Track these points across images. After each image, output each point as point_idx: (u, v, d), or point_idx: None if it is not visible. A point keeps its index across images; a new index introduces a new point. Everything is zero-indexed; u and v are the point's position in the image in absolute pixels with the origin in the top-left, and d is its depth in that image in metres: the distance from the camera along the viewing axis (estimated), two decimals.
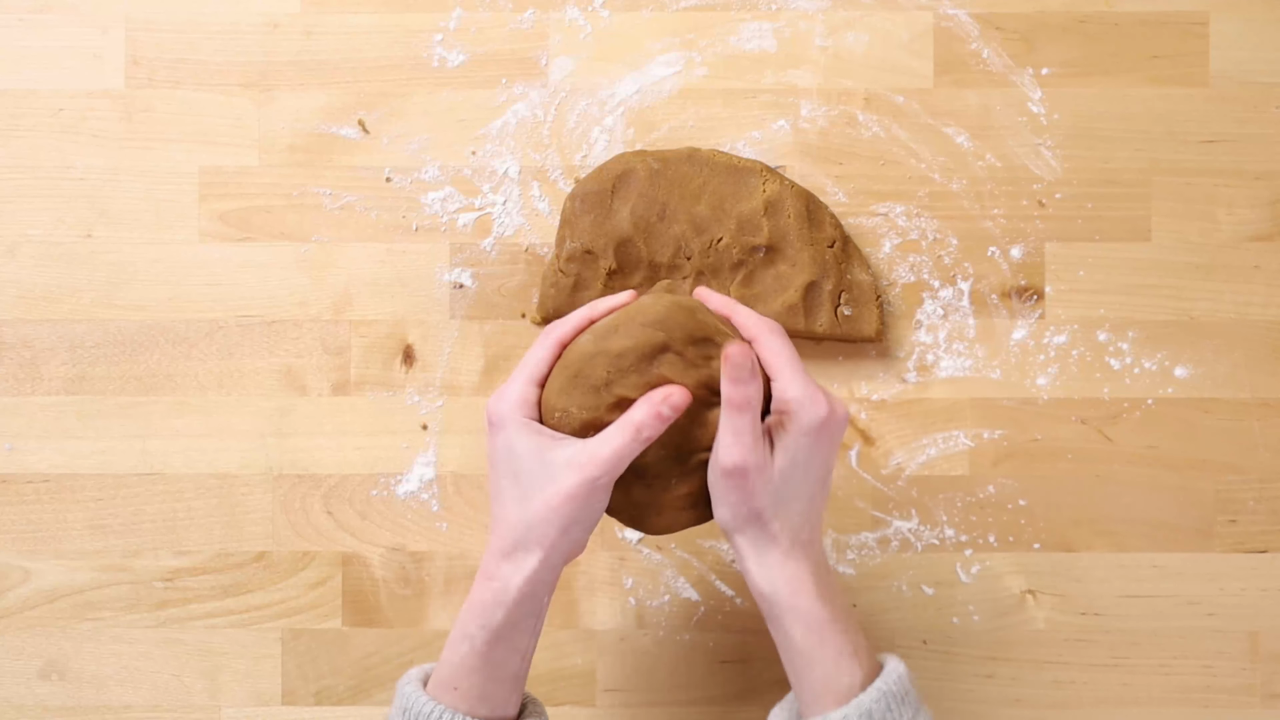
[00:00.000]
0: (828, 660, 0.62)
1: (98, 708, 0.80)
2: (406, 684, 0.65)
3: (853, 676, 0.62)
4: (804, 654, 0.62)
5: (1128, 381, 0.80)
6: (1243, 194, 0.80)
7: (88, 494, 0.80)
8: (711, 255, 0.77)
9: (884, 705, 0.61)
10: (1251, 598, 0.80)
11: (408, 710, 0.63)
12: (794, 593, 0.62)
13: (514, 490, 0.63)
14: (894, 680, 0.62)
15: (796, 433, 0.62)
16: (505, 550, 0.63)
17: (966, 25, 0.81)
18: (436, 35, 0.81)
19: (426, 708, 0.62)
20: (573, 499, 0.61)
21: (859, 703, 0.60)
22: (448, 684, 0.63)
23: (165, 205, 0.81)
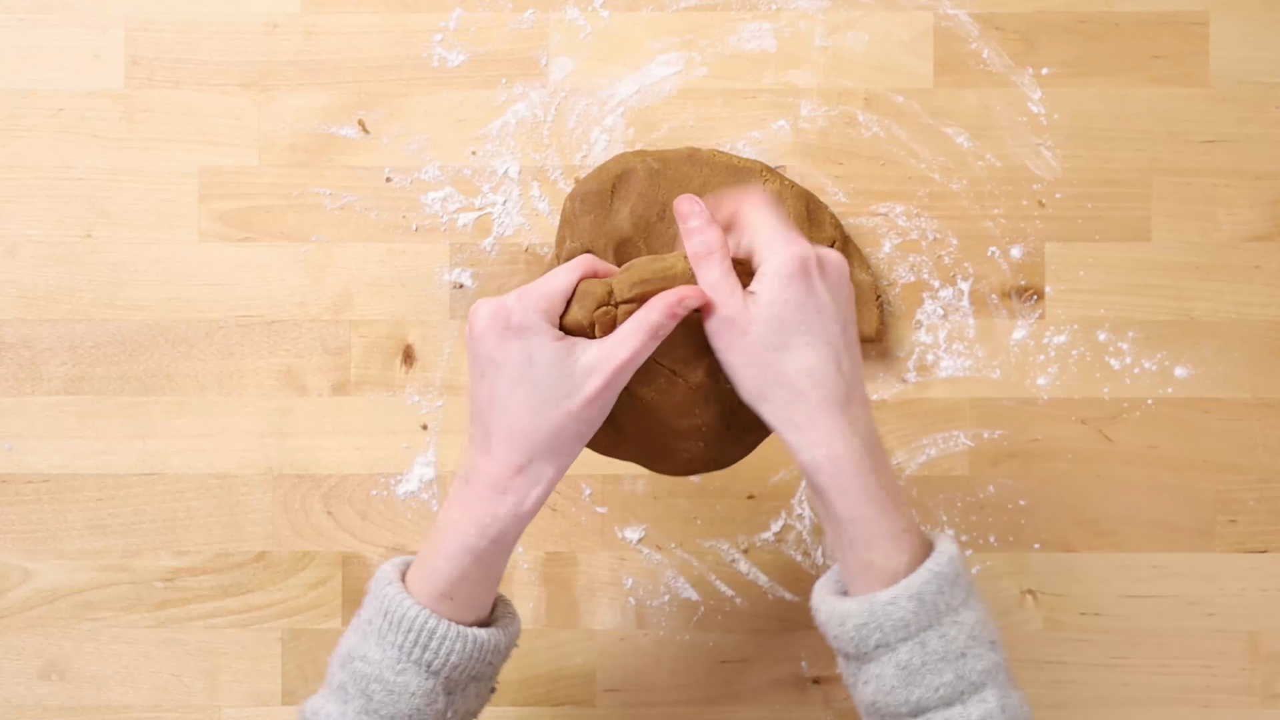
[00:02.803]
0: (874, 538, 0.59)
1: (98, 708, 0.80)
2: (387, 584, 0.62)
3: (900, 556, 0.59)
4: (848, 530, 0.59)
5: (1128, 381, 0.80)
6: (1243, 194, 0.80)
7: (88, 494, 0.80)
8: None
9: (934, 587, 0.58)
10: (1251, 598, 0.80)
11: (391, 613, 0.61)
12: (833, 458, 0.59)
13: (531, 398, 0.60)
14: (945, 561, 0.59)
15: (771, 275, 0.59)
16: (519, 463, 0.61)
17: (966, 25, 0.81)
18: (436, 35, 0.81)
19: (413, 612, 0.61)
20: (593, 403, 0.60)
21: (908, 584, 0.58)
22: (443, 595, 0.61)
23: (165, 205, 0.81)
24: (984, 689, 0.58)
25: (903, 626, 0.58)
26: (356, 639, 0.62)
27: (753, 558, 0.80)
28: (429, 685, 0.61)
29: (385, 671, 0.61)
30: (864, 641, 0.59)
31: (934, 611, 0.58)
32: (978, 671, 0.58)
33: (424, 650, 0.61)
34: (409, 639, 0.61)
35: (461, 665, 0.61)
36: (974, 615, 0.59)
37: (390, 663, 0.61)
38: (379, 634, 0.61)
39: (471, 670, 0.62)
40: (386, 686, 0.60)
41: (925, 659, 0.58)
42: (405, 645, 0.61)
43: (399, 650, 0.61)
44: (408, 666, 0.60)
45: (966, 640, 0.58)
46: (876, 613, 0.58)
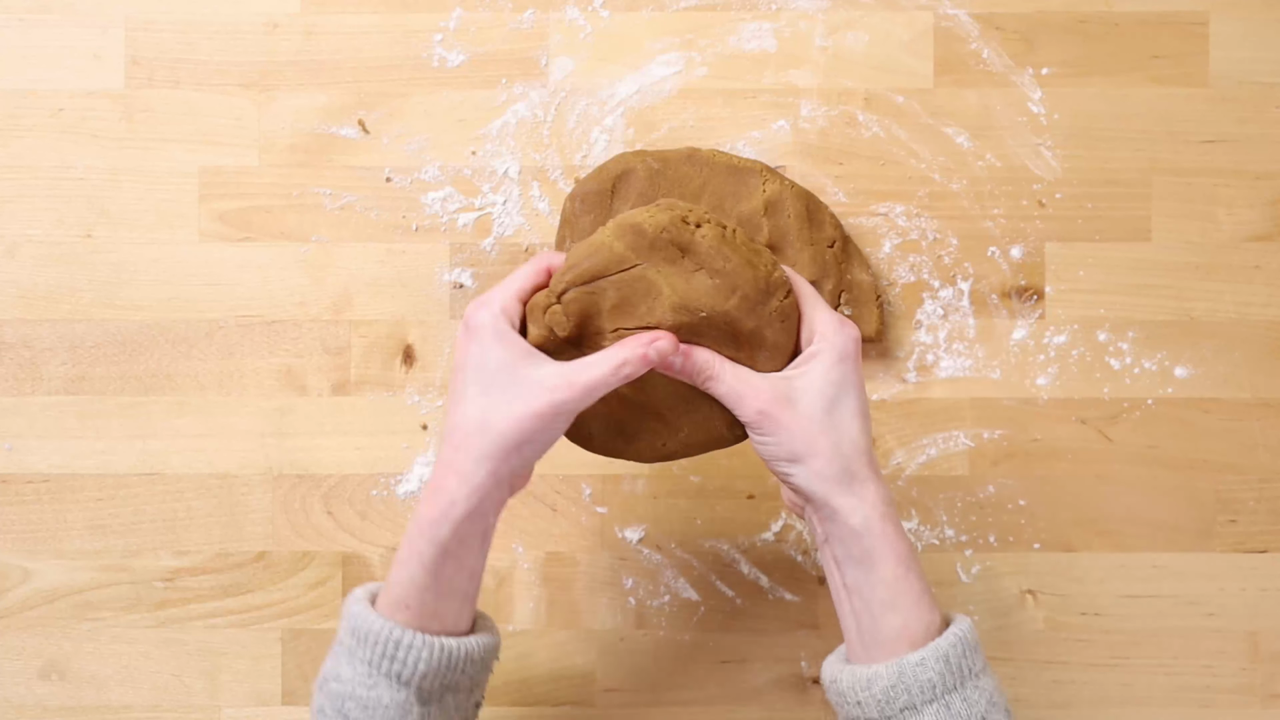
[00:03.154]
0: (910, 600, 0.61)
1: (98, 708, 0.80)
2: (355, 603, 0.63)
3: (931, 616, 0.61)
4: (887, 590, 0.61)
5: (1128, 381, 0.80)
6: (1243, 194, 0.80)
7: (88, 494, 0.80)
8: None
9: (959, 650, 0.60)
10: (1251, 598, 0.80)
11: (357, 630, 0.62)
12: (881, 519, 0.61)
13: (478, 398, 0.61)
14: (967, 627, 0.61)
15: (832, 361, 0.62)
16: (454, 462, 0.62)
17: (966, 25, 0.81)
18: (436, 35, 0.81)
19: (377, 625, 0.61)
20: (538, 417, 0.61)
21: (936, 646, 0.60)
22: (399, 603, 0.62)
23: (165, 205, 0.81)
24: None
25: (929, 688, 0.59)
26: (330, 662, 0.63)
27: (753, 558, 0.80)
28: (401, 697, 0.61)
29: (358, 688, 0.61)
30: (890, 704, 0.60)
31: (959, 675, 0.60)
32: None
33: (391, 661, 0.61)
34: (376, 652, 0.61)
35: (431, 674, 0.61)
36: (992, 682, 0.62)
37: (361, 678, 0.61)
38: (349, 652, 0.62)
39: (444, 680, 0.62)
40: (360, 702, 0.61)
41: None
42: (374, 659, 0.61)
43: (368, 665, 0.61)
44: (379, 680, 0.61)
45: (987, 705, 0.60)
46: (905, 674, 0.60)
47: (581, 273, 0.62)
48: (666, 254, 0.62)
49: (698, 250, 0.62)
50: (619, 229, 0.62)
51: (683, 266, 0.62)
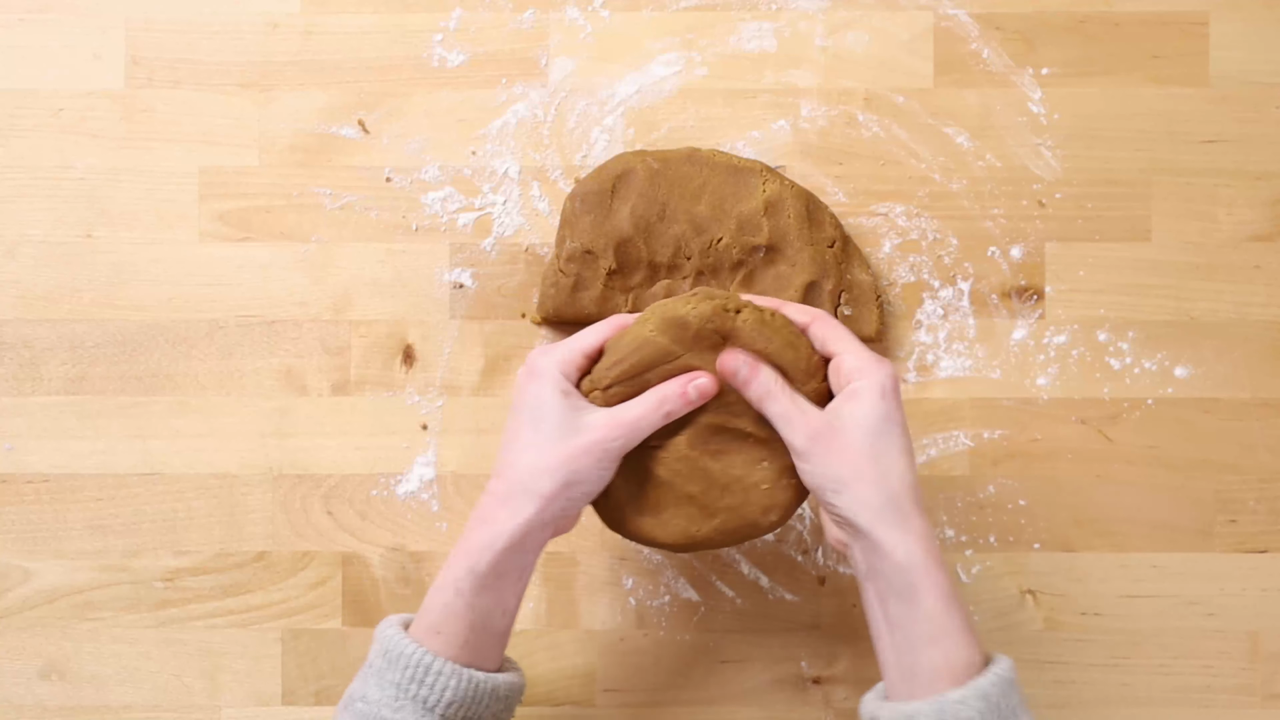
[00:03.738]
0: (952, 636, 0.61)
1: (98, 708, 0.80)
2: (387, 627, 0.65)
3: (972, 653, 0.61)
4: (932, 626, 0.61)
5: (1128, 381, 0.80)
6: (1243, 194, 0.80)
7: (88, 494, 0.80)
8: (711, 255, 0.77)
9: (1000, 689, 0.60)
10: (1251, 598, 0.80)
11: (389, 653, 0.63)
12: (927, 554, 0.62)
13: (531, 437, 0.64)
14: (1007, 667, 0.61)
15: (874, 397, 0.63)
16: (503, 496, 0.64)
17: (966, 25, 0.81)
18: (436, 35, 0.81)
19: (408, 649, 0.63)
20: (587, 453, 0.63)
21: (977, 684, 0.60)
22: (431, 629, 0.64)
23: (165, 205, 0.81)
24: None
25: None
26: (358, 683, 0.64)
27: (753, 558, 0.80)
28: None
29: (384, 709, 0.62)
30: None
31: (998, 713, 0.60)
32: None
33: (419, 686, 0.62)
34: (405, 675, 0.62)
35: (458, 703, 0.62)
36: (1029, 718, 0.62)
37: (388, 700, 0.62)
38: (378, 674, 0.63)
39: (468, 712, 0.63)
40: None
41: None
42: (402, 682, 0.62)
43: (396, 688, 0.62)
44: (405, 704, 0.62)
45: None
46: (945, 712, 0.59)
47: (628, 368, 0.65)
48: (710, 341, 0.64)
49: (739, 336, 0.64)
50: (662, 324, 0.65)
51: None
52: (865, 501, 0.62)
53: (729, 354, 0.64)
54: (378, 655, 0.64)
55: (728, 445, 0.66)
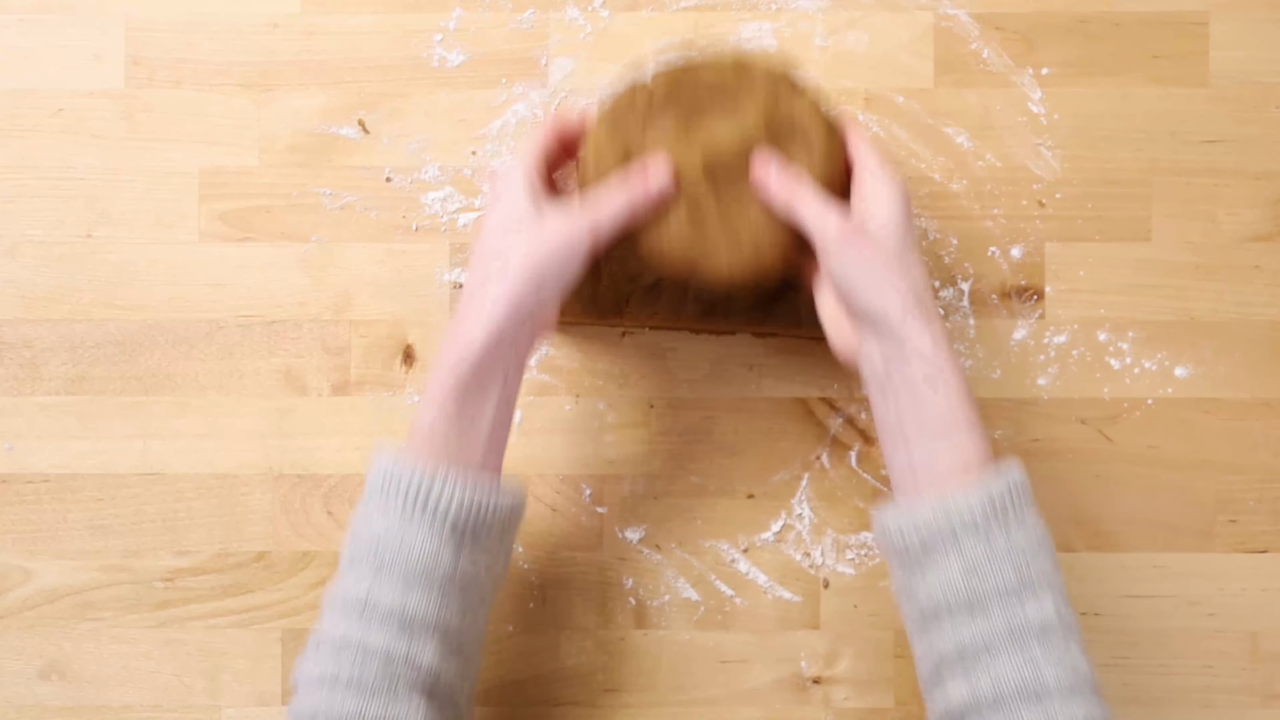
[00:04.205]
0: (966, 427, 0.64)
1: (98, 708, 0.80)
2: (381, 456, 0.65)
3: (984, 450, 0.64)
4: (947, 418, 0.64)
5: (1128, 381, 0.80)
6: (1243, 194, 0.80)
7: (88, 494, 0.80)
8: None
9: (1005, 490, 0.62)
10: (1251, 598, 0.80)
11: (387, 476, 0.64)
12: (943, 350, 0.64)
13: (498, 242, 0.66)
14: (1016, 471, 0.64)
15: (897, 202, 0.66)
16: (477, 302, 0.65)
17: (966, 25, 0.81)
18: (436, 35, 0.81)
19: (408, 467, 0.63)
20: (553, 253, 0.65)
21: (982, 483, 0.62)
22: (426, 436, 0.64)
23: (165, 205, 0.81)
24: (1042, 594, 0.61)
25: (973, 524, 0.61)
26: (360, 518, 0.65)
27: (753, 558, 0.80)
28: (434, 537, 0.62)
29: (392, 530, 0.63)
30: (934, 536, 0.62)
31: (1003, 513, 0.62)
32: (1038, 577, 0.61)
33: (426, 497, 0.63)
34: (410, 491, 0.63)
35: (465, 509, 0.63)
36: (1039, 525, 0.63)
37: (394, 524, 0.63)
38: (381, 500, 0.64)
39: (474, 522, 0.64)
40: (394, 547, 0.62)
41: (991, 556, 0.61)
42: (408, 499, 0.63)
43: (402, 505, 0.63)
44: (413, 518, 0.63)
45: (1031, 546, 0.62)
46: (949, 507, 0.62)
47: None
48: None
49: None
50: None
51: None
52: (895, 298, 0.64)
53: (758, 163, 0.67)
54: (375, 486, 0.64)
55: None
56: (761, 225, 0.68)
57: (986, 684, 0.60)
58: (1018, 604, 0.60)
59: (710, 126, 0.68)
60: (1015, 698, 0.59)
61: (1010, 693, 0.59)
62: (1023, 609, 0.60)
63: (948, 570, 0.61)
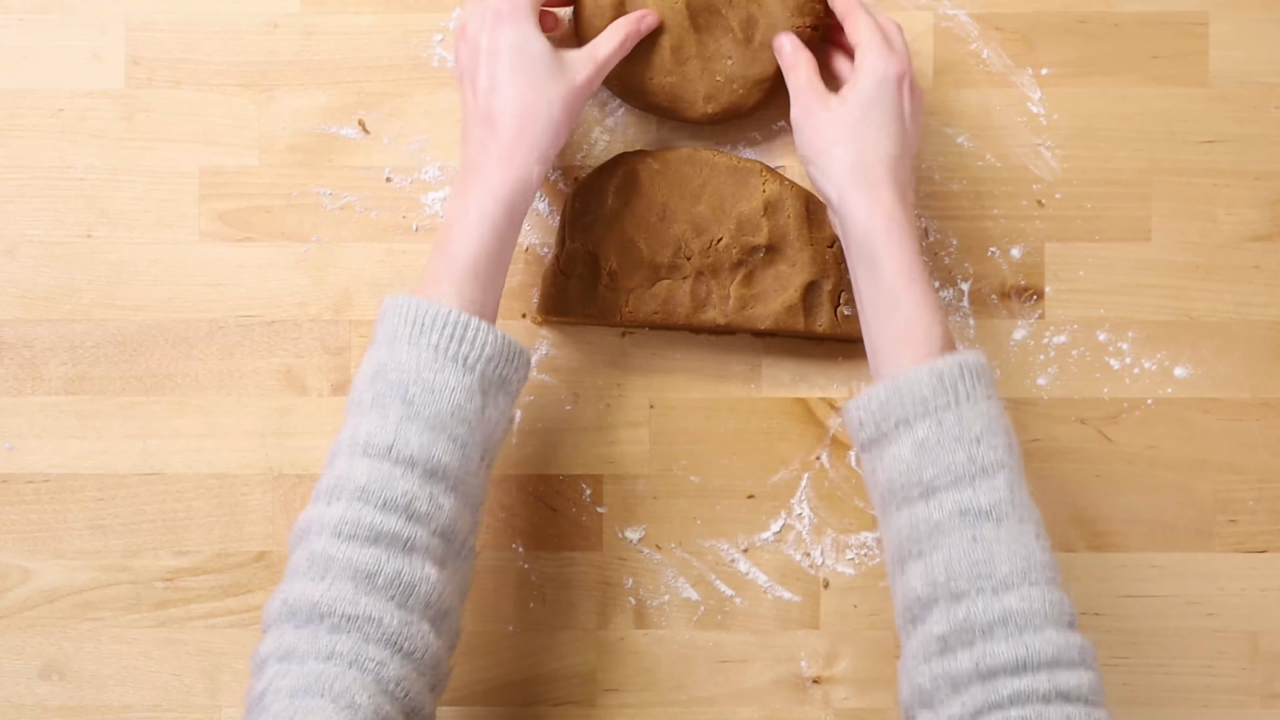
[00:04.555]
0: (909, 306, 0.64)
1: (98, 708, 0.80)
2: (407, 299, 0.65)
3: (933, 327, 0.64)
4: (890, 296, 0.65)
5: (1128, 381, 0.80)
6: (1243, 194, 0.80)
7: (88, 494, 0.80)
8: (711, 255, 0.77)
9: (956, 371, 0.62)
10: (1251, 598, 0.80)
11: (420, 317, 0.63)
12: (891, 226, 0.65)
13: (532, 79, 0.68)
14: (971, 355, 0.63)
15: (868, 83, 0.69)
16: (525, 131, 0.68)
17: (966, 25, 0.81)
18: (436, 35, 0.81)
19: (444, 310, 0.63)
20: (583, 91, 0.71)
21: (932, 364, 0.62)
22: (469, 272, 0.65)
23: (165, 205, 0.81)
24: (995, 475, 0.61)
25: (922, 402, 0.62)
26: (384, 352, 0.64)
27: (753, 558, 0.80)
28: (467, 381, 0.63)
29: (424, 372, 0.63)
30: (886, 418, 0.63)
31: (953, 394, 0.62)
32: (990, 459, 0.61)
33: (460, 344, 0.63)
34: (444, 335, 0.63)
35: (494, 359, 0.64)
36: (993, 409, 0.63)
37: (427, 362, 0.63)
38: (409, 340, 0.63)
39: (501, 371, 0.64)
40: (426, 386, 0.62)
41: (941, 438, 0.61)
42: (440, 343, 0.63)
43: (434, 349, 0.63)
44: (445, 364, 0.63)
45: (983, 428, 0.62)
46: (900, 388, 0.62)
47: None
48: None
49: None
50: None
51: None
52: (835, 171, 0.67)
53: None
54: (403, 323, 0.64)
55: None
56: (737, 64, 0.74)
57: (940, 567, 0.60)
58: (969, 486, 0.60)
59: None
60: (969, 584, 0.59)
61: (963, 576, 0.59)
62: (974, 491, 0.60)
63: (901, 453, 0.62)
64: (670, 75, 0.76)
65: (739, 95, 0.77)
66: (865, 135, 0.68)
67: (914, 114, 0.71)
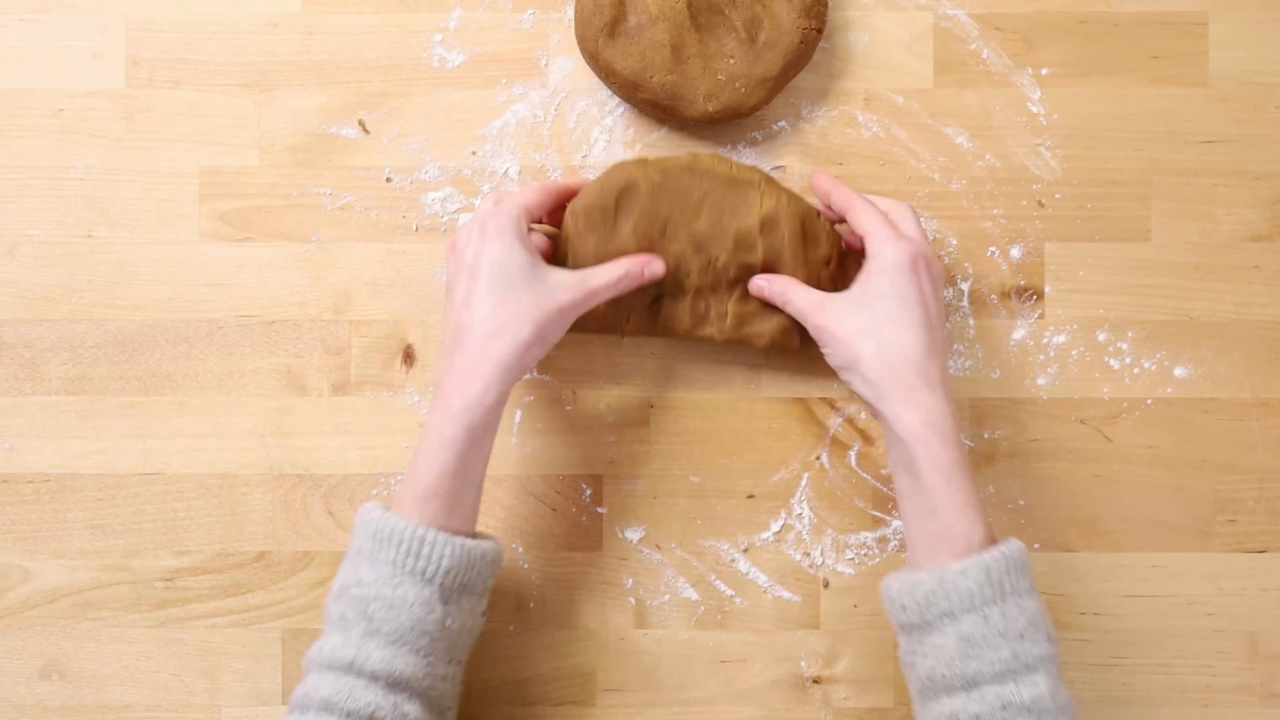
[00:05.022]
0: (951, 510, 0.64)
1: (98, 708, 0.80)
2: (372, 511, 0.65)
3: (976, 528, 0.64)
4: (932, 496, 0.64)
5: (1127, 381, 0.80)
6: (1243, 194, 0.80)
7: (88, 494, 0.80)
8: (710, 274, 0.75)
9: (1003, 566, 0.62)
10: (1251, 598, 0.80)
11: (379, 534, 0.64)
12: (927, 427, 0.64)
13: (505, 295, 0.67)
14: (1015, 548, 0.63)
15: (879, 275, 0.68)
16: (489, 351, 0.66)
17: (966, 25, 0.81)
18: (436, 35, 0.81)
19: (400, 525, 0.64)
20: (560, 315, 0.69)
21: (979, 558, 0.62)
22: (425, 495, 0.65)
23: (165, 205, 0.81)
24: (1037, 672, 0.62)
25: (968, 597, 0.62)
26: (349, 570, 0.65)
27: (753, 558, 0.80)
28: (426, 594, 0.63)
29: (382, 589, 0.63)
30: (931, 609, 0.63)
31: (999, 589, 0.62)
32: (1033, 655, 0.62)
33: (416, 559, 0.63)
34: (401, 551, 0.63)
35: (454, 570, 0.64)
36: (1035, 604, 0.63)
37: (385, 579, 0.63)
38: (370, 557, 0.64)
39: (463, 578, 0.65)
40: (385, 602, 0.63)
41: (986, 633, 0.61)
42: (398, 559, 0.63)
43: (392, 565, 0.63)
44: (403, 579, 0.63)
45: (1026, 624, 0.62)
46: (946, 581, 0.62)
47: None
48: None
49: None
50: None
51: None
52: (867, 378, 0.66)
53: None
54: (366, 539, 0.65)
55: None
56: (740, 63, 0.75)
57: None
58: (1011, 680, 0.61)
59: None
60: None
61: None
62: (1016, 686, 0.61)
63: (945, 644, 0.62)
64: (671, 74, 0.76)
65: (741, 94, 0.77)
66: (885, 334, 0.66)
67: (935, 293, 0.69)
